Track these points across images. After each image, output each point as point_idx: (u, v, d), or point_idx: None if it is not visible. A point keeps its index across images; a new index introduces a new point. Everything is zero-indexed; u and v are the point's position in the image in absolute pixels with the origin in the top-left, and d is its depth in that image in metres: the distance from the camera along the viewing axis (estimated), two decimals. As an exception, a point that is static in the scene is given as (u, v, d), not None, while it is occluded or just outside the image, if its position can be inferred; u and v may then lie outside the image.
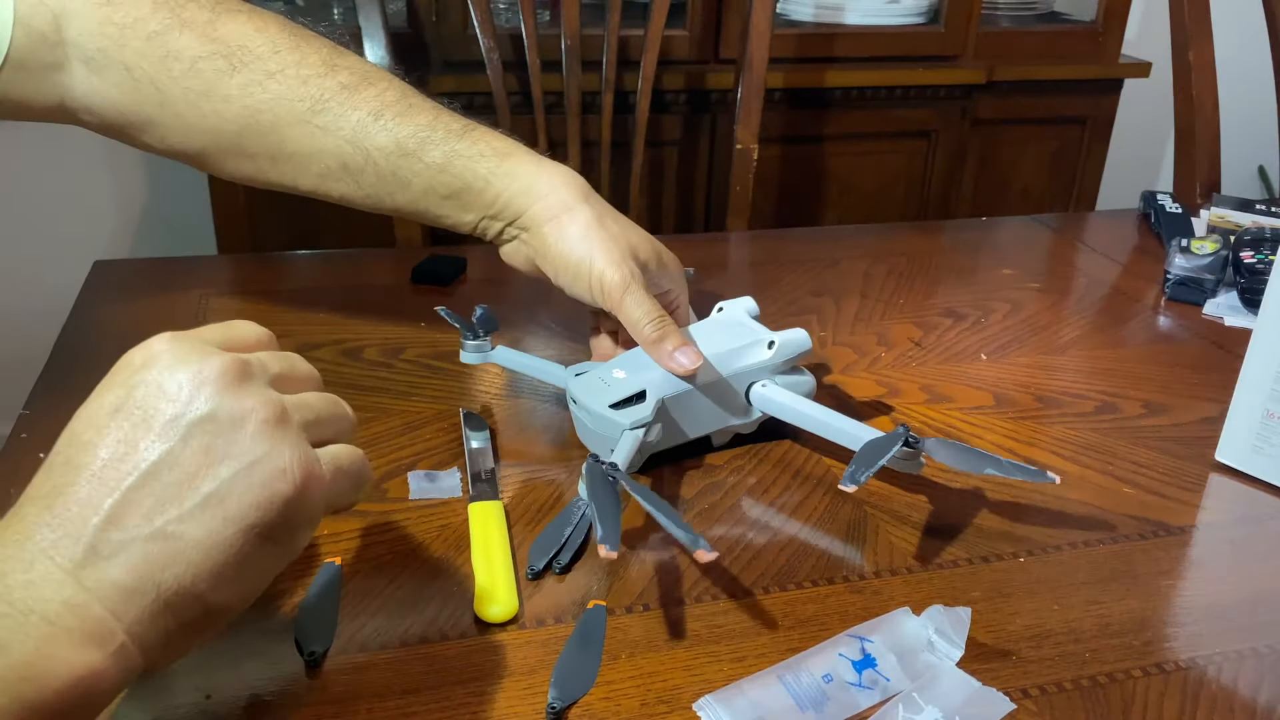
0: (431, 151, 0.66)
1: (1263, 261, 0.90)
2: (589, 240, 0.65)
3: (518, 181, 0.67)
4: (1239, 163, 2.01)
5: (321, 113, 0.65)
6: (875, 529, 0.59)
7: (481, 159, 0.66)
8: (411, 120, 0.66)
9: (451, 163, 0.66)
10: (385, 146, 0.66)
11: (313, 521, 0.41)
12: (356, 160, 0.66)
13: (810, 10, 1.77)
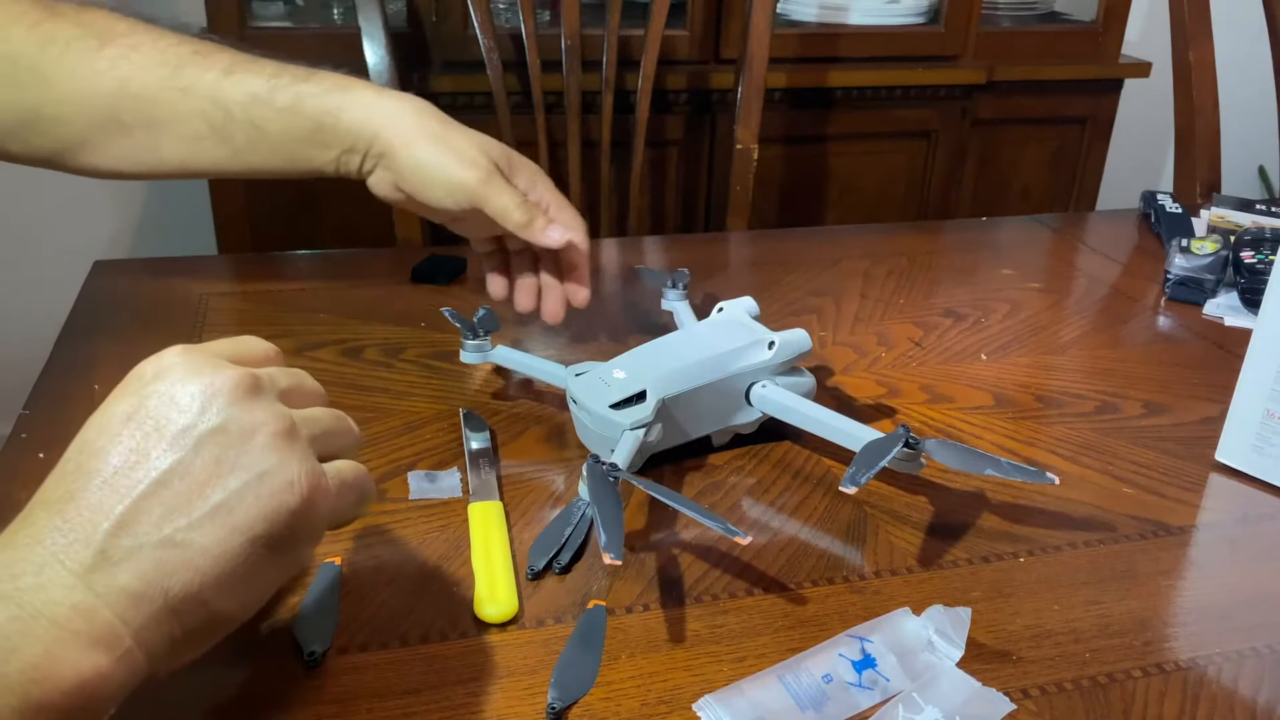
0: (281, 96, 0.70)
1: (1263, 261, 0.90)
2: (441, 149, 0.70)
3: (365, 109, 0.71)
4: (1239, 163, 2.01)
5: (180, 74, 0.70)
6: (875, 529, 0.60)
7: (327, 95, 0.71)
8: (259, 71, 0.71)
9: (302, 103, 0.70)
10: (240, 99, 0.70)
11: (316, 535, 0.42)
12: (218, 117, 0.70)
13: (810, 10, 1.77)
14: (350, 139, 0.71)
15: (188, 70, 0.70)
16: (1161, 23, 1.31)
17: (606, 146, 1.40)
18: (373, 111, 0.71)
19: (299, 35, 1.56)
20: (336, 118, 0.70)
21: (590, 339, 0.81)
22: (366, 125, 0.70)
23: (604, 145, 1.40)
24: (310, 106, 0.70)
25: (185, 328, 0.79)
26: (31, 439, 0.64)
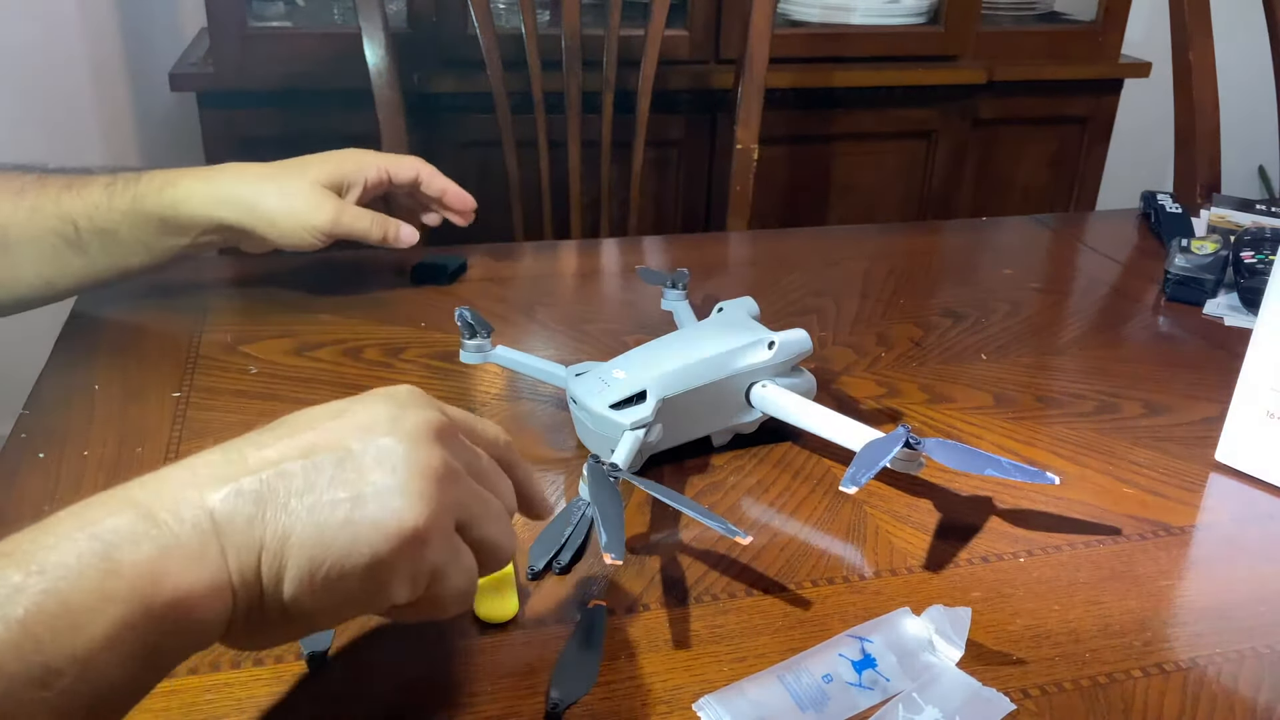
0: (119, 201, 0.74)
1: (1263, 261, 0.90)
2: (286, 202, 0.77)
3: (199, 200, 0.75)
4: (1239, 163, 2.01)
5: (24, 198, 0.73)
6: (875, 529, 0.60)
7: (160, 193, 0.75)
8: (94, 183, 0.74)
9: (141, 204, 0.74)
10: (84, 210, 0.73)
11: (412, 581, 0.40)
12: (69, 231, 0.73)
13: (810, 10, 1.77)
14: (198, 227, 0.76)
15: (29, 194, 0.73)
16: (1161, 23, 1.31)
17: (607, 146, 1.40)
18: (205, 200, 0.75)
19: (299, 35, 1.56)
20: (176, 211, 0.75)
21: (590, 339, 0.81)
22: (205, 214, 0.75)
23: (604, 145, 1.40)
24: (149, 205, 0.74)
25: (185, 328, 0.79)
26: (31, 439, 0.64)
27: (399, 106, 1.23)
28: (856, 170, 1.82)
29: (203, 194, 0.75)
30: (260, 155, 1.63)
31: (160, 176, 0.75)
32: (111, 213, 0.73)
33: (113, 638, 0.33)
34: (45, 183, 0.73)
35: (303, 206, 0.77)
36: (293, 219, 0.77)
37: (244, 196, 0.76)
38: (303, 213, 0.77)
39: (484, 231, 1.48)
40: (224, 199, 0.76)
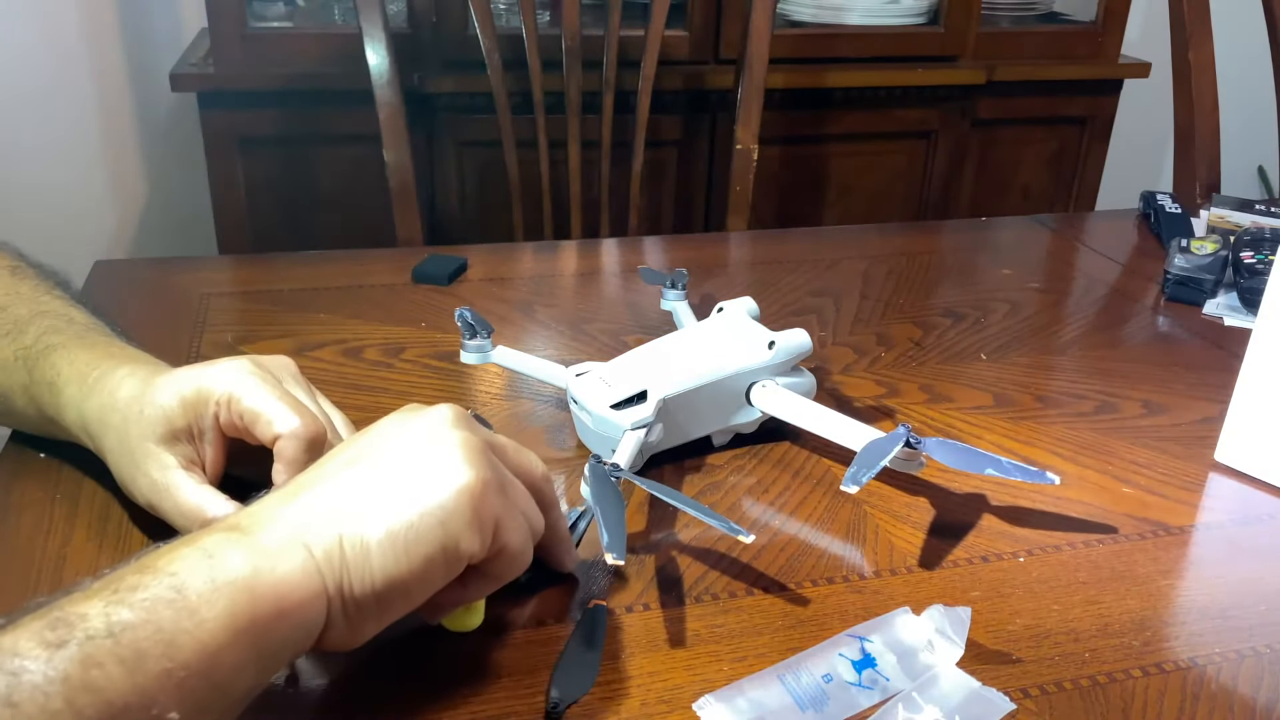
0: (16, 373, 0.59)
1: (1262, 262, 0.90)
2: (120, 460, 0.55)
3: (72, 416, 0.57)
4: (1239, 163, 2.01)
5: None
6: (875, 529, 0.60)
7: (53, 390, 0.58)
8: (23, 334, 0.60)
9: (34, 390, 0.59)
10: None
11: (470, 532, 0.44)
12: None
13: (810, 10, 1.77)
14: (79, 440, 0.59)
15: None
16: (1161, 23, 1.31)
17: (607, 146, 1.40)
18: (75, 426, 0.57)
19: (299, 35, 1.56)
20: (58, 416, 0.58)
21: (590, 339, 0.81)
22: (78, 437, 0.58)
23: (604, 145, 1.40)
24: (40, 395, 0.58)
25: (185, 328, 0.79)
26: (31, 439, 0.64)
27: (399, 106, 1.23)
28: (856, 170, 1.82)
29: (74, 412, 0.57)
30: (260, 155, 1.63)
31: (56, 365, 0.57)
32: (10, 380, 0.59)
33: (226, 625, 0.38)
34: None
35: (132, 469, 0.54)
36: (124, 482, 0.55)
37: (97, 434, 0.56)
38: (131, 478, 0.54)
39: (484, 231, 1.47)
40: (87, 429, 0.56)
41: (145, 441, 0.53)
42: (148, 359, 0.58)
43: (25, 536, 0.55)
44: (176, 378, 0.54)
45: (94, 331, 0.61)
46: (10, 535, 0.56)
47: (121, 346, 0.60)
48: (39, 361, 0.58)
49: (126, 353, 0.58)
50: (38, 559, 0.54)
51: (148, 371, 0.56)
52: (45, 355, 0.58)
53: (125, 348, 0.59)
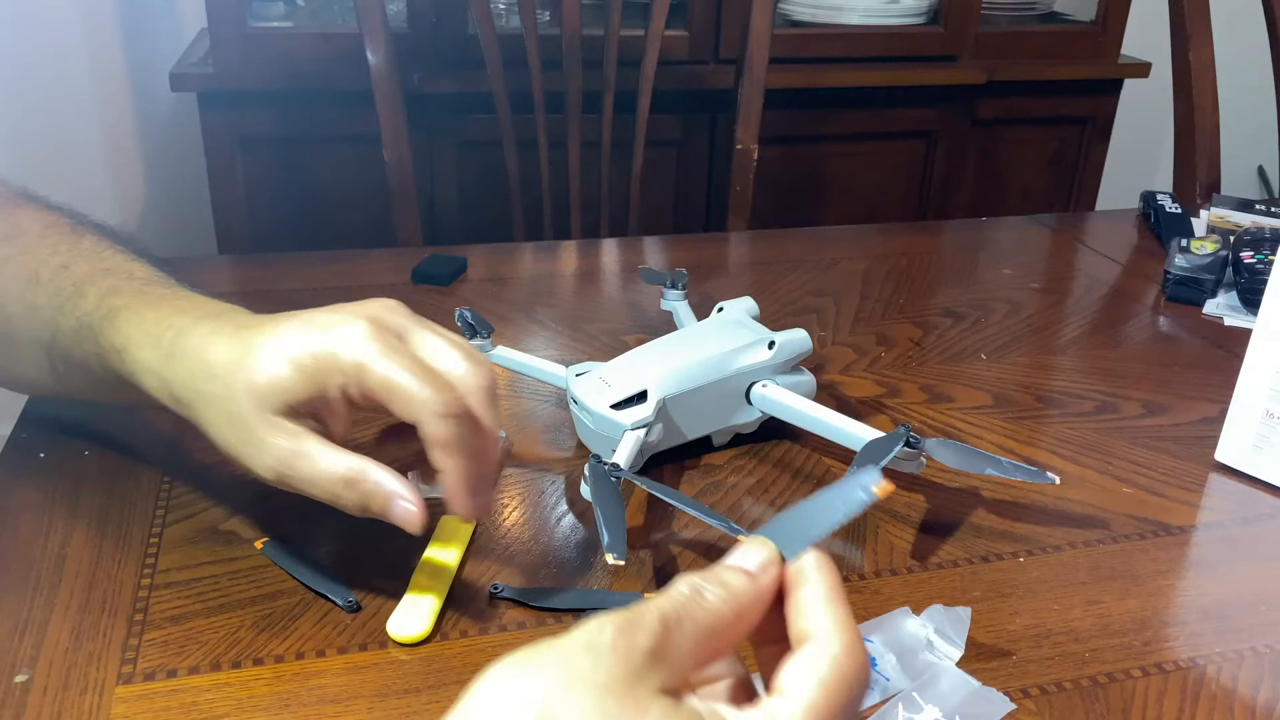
0: (86, 342, 0.55)
1: (1262, 261, 0.90)
2: (235, 431, 0.50)
3: (153, 377, 0.53)
4: (1239, 163, 2.01)
5: (33, 288, 0.57)
6: (875, 529, 0.60)
7: (122, 354, 0.54)
8: (84, 298, 0.56)
9: (104, 359, 0.55)
10: (67, 334, 0.56)
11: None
12: (48, 353, 0.58)
13: (810, 10, 1.77)
14: (160, 405, 0.54)
15: (39, 286, 0.57)
16: (1161, 23, 1.31)
17: (607, 146, 1.40)
18: (158, 387, 0.53)
19: (299, 35, 1.56)
20: (134, 380, 0.54)
21: (590, 339, 0.81)
22: (160, 399, 0.53)
23: (604, 145, 1.40)
24: (110, 361, 0.54)
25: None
26: (31, 439, 0.64)
27: (399, 106, 1.23)
28: (856, 170, 1.82)
29: (155, 378, 0.53)
30: (260, 155, 1.63)
31: (123, 330, 0.53)
32: (78, 349, 0.56)
33: None
34: (58, 275, 0.57)
35: (247, 440, 0.49)
36: (237, 453, 0.50)
37: (191, 403, 0.51)
38: (247, 450, 0.49)
39: (484, 231, 1.47)
40: (176, 396, 0.52)
41: (262, 412, 0.48)
42: (224, 309, 0.53)
43: (25, 536, 0.55)
44: (284, 340, 0.48)
45: (156, 285, 0.56)
46: (10, 535, 0.56)
47: (189, 298, 0.55)
48: (104, 327, 0.54)
49: (197, 305, 0.53)
50: (38, 559, 0.54)
51: (233, 327, 0.50)
52: (110, 319, 0.54)
53: (194, 298, 0.55)
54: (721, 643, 0.33)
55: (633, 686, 0.30)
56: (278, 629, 0.50)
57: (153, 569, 0.53)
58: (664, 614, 0.32)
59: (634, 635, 0.31)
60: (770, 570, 0.35)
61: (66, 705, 0.45)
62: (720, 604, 0.33)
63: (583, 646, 0.30)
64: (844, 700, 0.32)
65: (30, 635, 0.49)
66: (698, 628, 0.32)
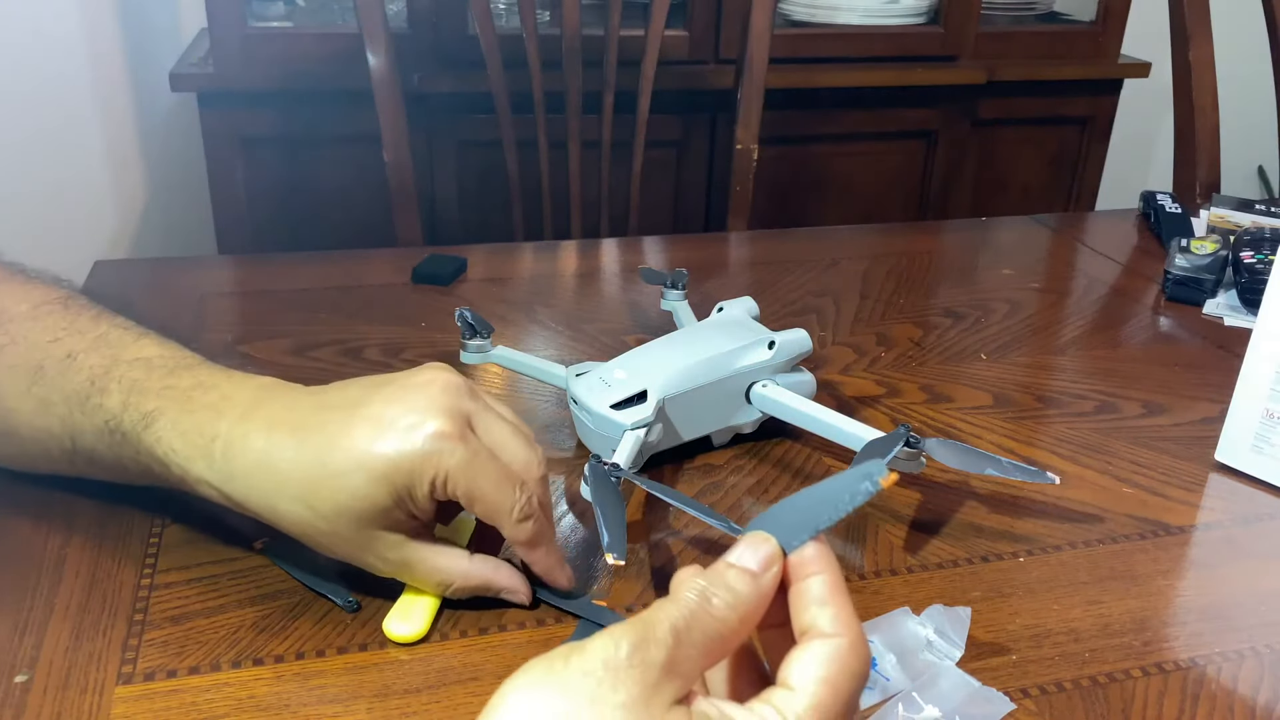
0: (125, 446, 0.52)
1: (1262, 261, 0.90)
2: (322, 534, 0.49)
3: (210, 487, 0.50)
4: (1239, 163, 2.01)
5: (38, 381, 0.54)
6: (875, 529, 0.60)
7: (169, 460, 0.51)
8: (109, 397, 0.52)
9: (142, 460, 0.52)
10: (91, 434, 0.53)
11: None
12: (65, 447, 0.54)
13: (810, 10, 1.77)
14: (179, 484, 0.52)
15: (44, 378, 0.54)
16: (1161, 23, 1.31)
17: (607, 146, 1.40)
18: (215, 495, 0.50)
19: (299, 35, 1.56)
20: (183, 486, 0.52)
21: (590, 339, 0.81)
22: (236, 508, 0.51)
23: (604, 145, 1.40)
24: (152, 466, 0.52)
25: (185, 328, 0.79)
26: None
27: (399, 106, 1.23)
28: (856, 170, 1.82)
29: (216, 492, 0.50)
30: (260, 155, 1.63)
31: (165, 440, 0.50)
32: (109, 451, 0.53)
33: None
34: (66, 367, 0.53)
35: (350, 555, 0.50)
36: (341, 557, 0.50)
37: (273, 520, 0.50)
38: (352, 558, 0.50)
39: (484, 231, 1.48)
40: (249, 510, 0.50)
41: (357, 531, 0.48)
42: (260, 396, 0.51)
43: (25, 536, 0.55)
44: (359, 452, 0.47)
45: (179, 373, 0.52)
46: (10, 535, 0.56)
47: (218, 388, 0.51)
48: (141, 435, 0.51)
49: (230, 398, 0.51)
50: (37, 559, 0.54)
51: (289, 430, 0.48)
52: (145, 427, 0.51)
53: (222, 387, 0.51)
54: (728, 646, 0.34)
55: (649, 702, 0.31)
56: (277, 629, 0.50)
57: (153, 569, 0.53)
58: (675, 626, 0.33)
59: (648, 651, 0.32)
60: (773, 568, 0.35)
61: (66, 705, 0.45)
62: (727, 610, 0.34)
63: (601, 665, 0.31)
64: (848, 695, 0.33)
65: (30, 635, 0.49)
66: (707, 636, 0.33)
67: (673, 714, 0.31)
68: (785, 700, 0.33)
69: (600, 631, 0.32)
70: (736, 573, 0.35)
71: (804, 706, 0.32)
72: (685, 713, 0.32)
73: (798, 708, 0.32)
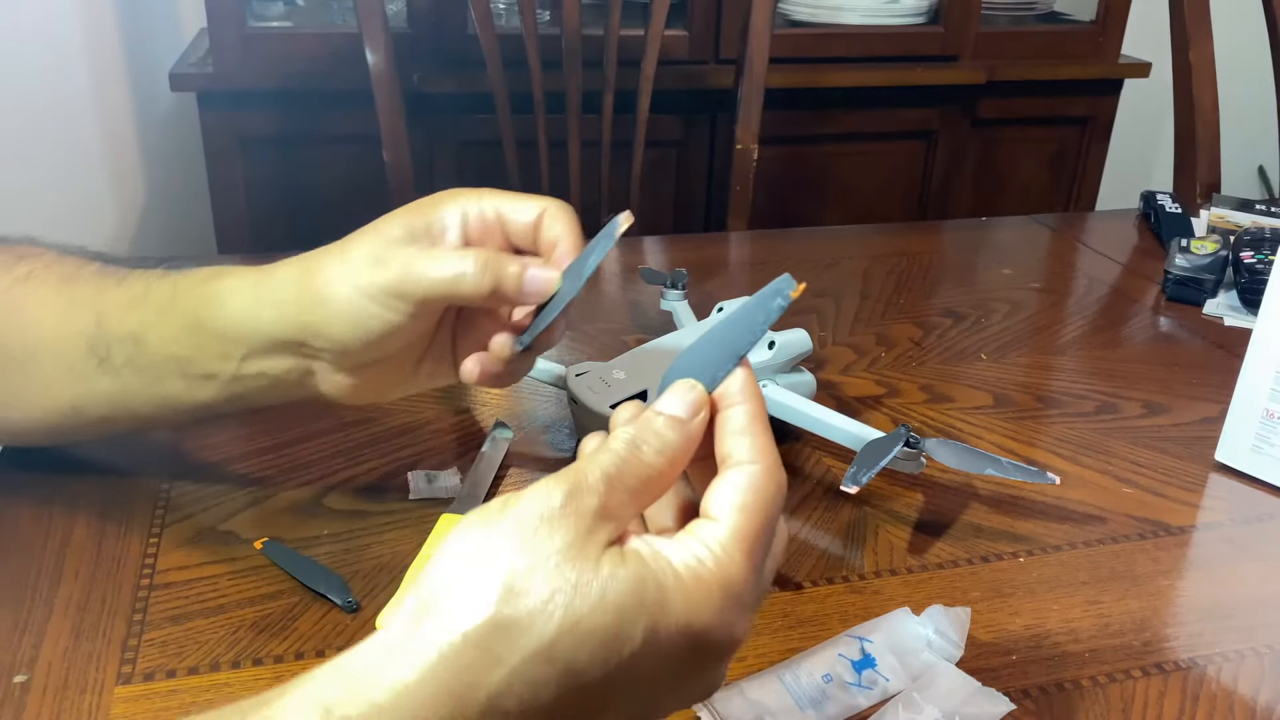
0: (157, 291, 0.51)
1: (1262, 261, 0.90)
2: (347, 270, 0.48)
3: (247, 289, 0.51)
4: (1239, 162, 2.01)
5: (70, 287, 0.53)
6: (875, 529, 0.59)
7: (206, 283, 0.51)
8: (143, 275, 0.53)
9: (180, 298, 0.51)
10: (116, 306, 0.52)
11: None
12: (94, 335, 0.52)
13: (810, 10, 1.77)
14: (243, 338, 0.50)
15: (74, 286, 0.53)
16: (1161, 22, 1.31)
17: (606, 146, 1.40)
18: (251, 298, 0.50)
19: (299, 35, 1.56)
20: (215, 310, 0.50)
21: (590, 339, 0.81)
22: (251, 315, 0.50)
23: (604, 145, 1.40)
24: (186, 300, 0.51)
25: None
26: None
27: (399, 106, 1.23)
28: (856, 170, 1.82)
29: (250, 288, 0.50)
30: (260, 155, 1.63)
31: (213, 270, 0.52)
32: (144, 309, 0.52)
33: None
34: (100, 275, 0.54)
35: (361, 271, 0.48)
36: (351, 288, 0.48)
37: (295, 283, 0.49)
38: (362, 277, 0.48)
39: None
40: (273, 293, 0.50)
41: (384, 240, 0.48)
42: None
43: (25, 536, 0.55)
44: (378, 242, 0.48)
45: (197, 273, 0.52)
46: (10, 535, 0.56)
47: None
48: (187, 272, 0.51)
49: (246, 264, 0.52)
50: (37, 559, 0.54)
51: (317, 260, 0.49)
52: (201, 270, 0.51)
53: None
54: (658, 490, 0.36)
55: (584, 546, 0.33)
56: (277, 629, 0.50)
57: (152, 569, 0.53)
58: (606, 473, 0.35)
59: (581, 498, 0.34)
60: (700, 414, 0.37)
61: (66, 706, 0.45)
62: (655, 456, 0.36)
63: (536, 515, 0.33)
64: (765, 519, 0.35)
65: (30, 635, 0.49)
66: (637, 481, 0.35)
67: (607, 555, 0.33)
68: (708, 530, 0.35)
69: (535, 483, 0.34)
70: (665, 420, 0.36)
71: (725, 533, 0.35)
72: (619, 552, 0.34)
73: (720, 534, 0.35)
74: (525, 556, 0.32)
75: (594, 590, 0.32)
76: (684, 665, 0.34)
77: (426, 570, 0.33)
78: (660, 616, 0.33)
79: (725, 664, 0.37)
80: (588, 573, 0.32)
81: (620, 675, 0.33)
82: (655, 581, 0.33)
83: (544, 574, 0.32)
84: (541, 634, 0.32)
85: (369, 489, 0.61)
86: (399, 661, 0.32)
